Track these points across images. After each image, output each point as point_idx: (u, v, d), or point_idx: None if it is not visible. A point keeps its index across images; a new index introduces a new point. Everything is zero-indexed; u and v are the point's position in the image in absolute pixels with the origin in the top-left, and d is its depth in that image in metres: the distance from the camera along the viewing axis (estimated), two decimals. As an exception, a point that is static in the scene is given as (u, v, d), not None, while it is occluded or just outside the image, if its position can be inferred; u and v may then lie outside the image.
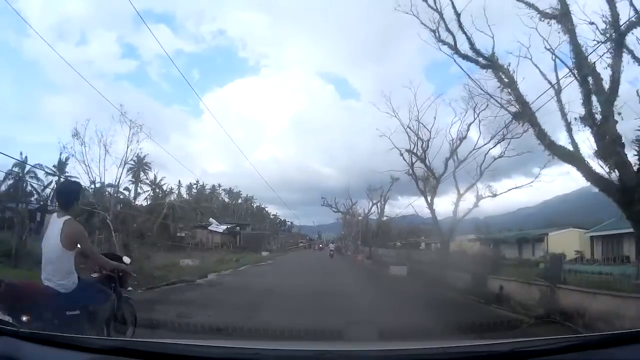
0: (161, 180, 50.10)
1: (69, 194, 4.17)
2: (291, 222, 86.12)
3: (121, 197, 34.99)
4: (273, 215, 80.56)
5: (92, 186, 18.10)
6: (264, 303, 10.47)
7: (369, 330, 5.34)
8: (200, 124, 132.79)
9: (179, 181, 55.01)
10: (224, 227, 50.02)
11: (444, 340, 4.50)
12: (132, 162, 43.85)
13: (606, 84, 9.48)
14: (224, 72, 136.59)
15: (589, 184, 10.25)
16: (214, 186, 69.66)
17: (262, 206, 77.68)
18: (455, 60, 13.31)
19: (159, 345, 2.31)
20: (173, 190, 52.16)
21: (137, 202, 42.50)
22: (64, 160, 29.34)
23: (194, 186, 65.09)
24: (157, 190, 48.83)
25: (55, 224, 3.91)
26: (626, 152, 9.41)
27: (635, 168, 9.23)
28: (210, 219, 52.03)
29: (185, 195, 61.73)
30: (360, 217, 49.22)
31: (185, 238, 40.97)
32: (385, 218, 41.06)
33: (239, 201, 72.95)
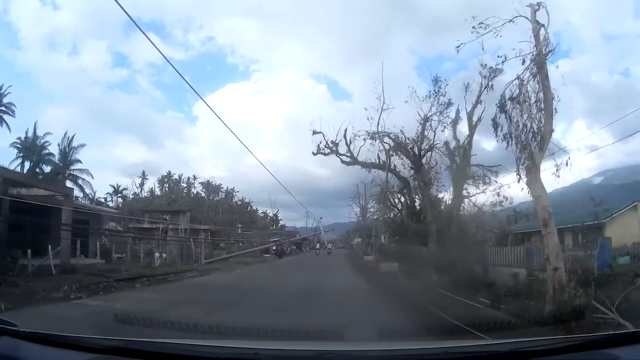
0: (43, 136, 33.71)
1: None
2: (275, 217, 68.14)
3: None
4: (262, 213, 68.03)
5: None
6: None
7: (368, 330, 5.30)
8: (195, 129, 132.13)
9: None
10: None
11: (444, 340, 4.48)
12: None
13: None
14: (215, 78, 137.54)
15: (588, 176, 9.35)
16: (188, 178, 60.01)
17: (247, 201, 65.29)
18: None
19: (159, 345, 2.31)
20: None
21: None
22: None
23: (165, 179, 57.60)
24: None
25: None
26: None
27: None
28: None
29: (157, 191, 51.67)
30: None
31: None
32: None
33: (219, 196, 62.08)
